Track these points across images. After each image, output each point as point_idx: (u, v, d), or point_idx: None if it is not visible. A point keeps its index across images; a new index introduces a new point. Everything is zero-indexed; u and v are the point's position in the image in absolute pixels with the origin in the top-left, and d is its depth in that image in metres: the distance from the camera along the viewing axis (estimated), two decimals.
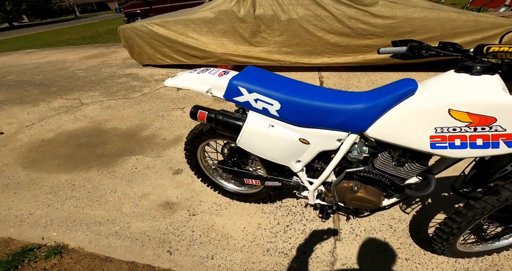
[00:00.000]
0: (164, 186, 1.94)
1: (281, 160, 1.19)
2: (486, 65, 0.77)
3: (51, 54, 6.72)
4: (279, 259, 1.39)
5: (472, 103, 0.77)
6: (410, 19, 3.03)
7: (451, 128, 0.81)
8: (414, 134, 0.87)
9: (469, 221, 1.02)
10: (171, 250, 1.47)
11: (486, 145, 0.79)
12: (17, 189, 2.02)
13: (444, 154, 0.86)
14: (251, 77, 1.11)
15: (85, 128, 2.84)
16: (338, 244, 1.44)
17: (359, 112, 0.95)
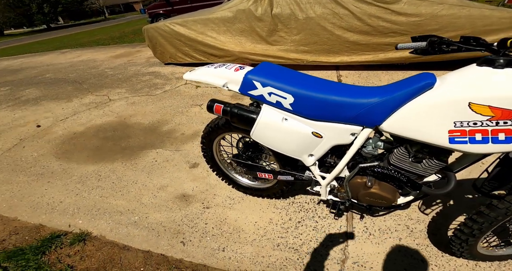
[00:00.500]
0: (181, 179, 1.98)
1: (294, 154, 1.17)
2: (510, 58, 0.73)
3: (83, 54, 7.06)
4: (289, 255, 1.38)
5: (494, 97, 0.73)
6: (437, 17, 2.84)
7: (472, 122, 0.77)
8: (432, 129, 0.83)
9: (491, 222, 0.95)
10: (184, 241, 1.50)
11: (509, 140, 0.76)
12: (50, 178, 2.15)
13: (464, 149, 0.82)
14: (266, 72, 1.10)
15: (112, 122, 2.96)
16: (350, 243, 1.40)
17: (374, 105, 0.92)
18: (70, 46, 9.09)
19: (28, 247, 1.53)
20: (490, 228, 0.98)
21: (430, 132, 0.85)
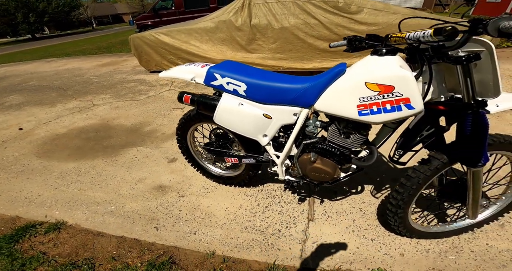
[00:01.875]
0: (159, 172, 2.09)
1: (250, 134, 1.34)
2: (388, 49, 0.94)
3: (69, 63, 7.10)
4: (255, 236, 1.49)
5: (379, 76, 0.94)
6: (391, 25, 3.18)
7: (369, 97, 0.98)
8: (346, 105, 1.03)
9: (409, 192, 1.12)
10: (158, 227, 1.60)
11: (393, 109, 0.95)
12: (30, 175, 2.20)
13: (368, 120, 1.01)
14: (225, 66, 1.30)
15: (95, 124, 3.04)
16: (311, 224, 1.53)
17: (306, 89, 1.13)
18: (56, 55, 9.09)
19: (2, 236, 1.58)
20: (410, 197, 1.14)
21: (345, 108, 1.04)
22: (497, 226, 1.39)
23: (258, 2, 3.50)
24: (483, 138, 0.93)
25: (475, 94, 0.90)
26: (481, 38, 0.82)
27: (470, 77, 0.86)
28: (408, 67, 0.94)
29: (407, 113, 0.95)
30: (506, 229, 1.37)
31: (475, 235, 1.36)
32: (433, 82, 0.96)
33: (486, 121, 0.92)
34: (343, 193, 1.72)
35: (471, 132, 0.93)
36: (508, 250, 1.27)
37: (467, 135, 0.95)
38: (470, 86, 0.88)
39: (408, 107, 0.94)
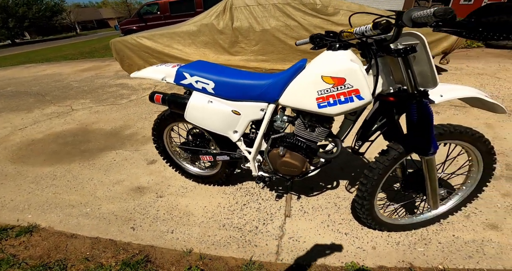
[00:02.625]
0: (138, 174, 2.10)
1: (221, 130, 1.38)
2: (340, 44, 1.02)
3: (49, 68, 7.01)
4: (233, 233, 1.53)
5: (332, 69, 1.01)
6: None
7: (325, 90, 1.04)
8: (306, 98, 1.09)
9: (372, 182, 1.19)
10: (134, 227, 1.61)
11: (346, 100, 1.03)
12: (3, 180, 2.16)
13: (327, 111, 1.07)
14: (195, 66, 1.36)
15: (73, 129, 3.02)
16: (287, 220, 1.58)
17: (270, 85, 1.19)
18: (36, 61, 8.96)
19: None
20: (374, 188, 1.21)
21: (306, 101, 1.10)
22: (462, 217, 1.47)
23: (240, 6, 3.60)
24: (429, 126, 1.00)
25: (417, 85, 0.97)
26: (414, 31, 0.91)
27: (410, 68, 0.94)
28: (359, 61, 1.02)
29: (358, 104, 1.02)
30: (472, 219, 1.45)
31: (442, 227, 1.43)
32: (381, 75, 1.03)
33: (429, 110, 0.98)
34: (320, 189, 1.79)
35: (417, 121, 1.00)
36: (473, 240, 1.34)
37: (414, 124, 1.01)
38: (411, 77, 0.95)
39: (358, 98, 1.01)
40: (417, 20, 0.74)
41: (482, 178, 1.28)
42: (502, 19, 0.72)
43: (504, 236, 1.35)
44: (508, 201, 1.55)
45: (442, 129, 1.11)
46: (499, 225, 1.41)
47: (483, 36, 0.76)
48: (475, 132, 1.14)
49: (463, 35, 0.79)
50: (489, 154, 1.20)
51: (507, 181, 1.70)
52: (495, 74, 3.72)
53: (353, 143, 1.28)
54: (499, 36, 0.75)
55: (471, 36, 0.78)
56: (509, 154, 1.95)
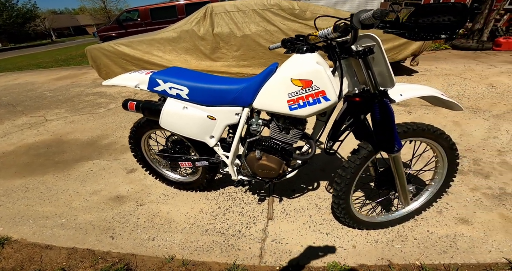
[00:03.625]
0: (117, 183, 2.09)
1: (197, 136, 1.41)
2: (307, 47, 1.09)
3: (21, 77, 6.81)
4: (215, 238, 1.55)
5: (300, 72, 1.07)
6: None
7: (294, 92, 1.10)
8: (278, 101, 1.15)
9: (346, 182, 1.26)
10: (113, 235, 1.60)
11: (314, 102, 1.09)
12: None
13: (297, 113, 1.13)
14: (168, 72, 1.39)
15: (46, 140, 2.96)
16: (270, 223, 1.62)
17: (243, 89, 1.25)
18: (7, 69, 8.67)
19: None
20: (348, 187, 1.28)
21: (278, 104, 1.15)
22: (435, 212, 1.58)
23: (220, 12, 3.72)
24: (390, 124, 1.06)
25: (377, 85, 1.04)
26: (371, 33, 0.97)
27: (370, 69, 1.01)
28: (325, 63, 1.09)
29: (325, 105, 1.08)
30: (444, 214, 1.56)
31: (417, 223, 1.52)
32: (346, 76, 1.10)
33: (390, 109, 1.05)
34: (301, 191, 1.85)
35: (380, 120, 1.06)
36: (447, 235, 1.43)
37: (377, 122, 1.08)
38: (372, 78, 1.02)
39: (325, 99, 1.07)
40: (364, 21, 0.81)
41: (448, 173, 1.39)
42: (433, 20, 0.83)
43: (474, 230, 1.45)
44: (476, 195, 1.67)
45: (406, 127, 1.21)
46: (469, 219, 1.52)
47: (419, 36, 0.87)
48: (436, 129, 1.25)
49: (406, 36, 0.90)
50: (451, 150, 1.31)
51: (475, 175, 1.84)
52: (461, 74, 4.03)
53: (325, 144, 1.35)
54: (432, 35, 0.85)
55: (411, 37, 0.89)
56: (476, 150, 2.11)
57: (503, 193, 1.67)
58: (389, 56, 3.75)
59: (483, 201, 1.62)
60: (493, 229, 1.44)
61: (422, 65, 4.60)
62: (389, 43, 3.70)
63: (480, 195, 1.67)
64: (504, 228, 1.44)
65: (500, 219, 1.50)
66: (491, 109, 2.81)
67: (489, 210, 1.56)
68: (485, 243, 1.37)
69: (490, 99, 3.07)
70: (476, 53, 5.25)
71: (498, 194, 1.67)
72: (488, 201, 1.62)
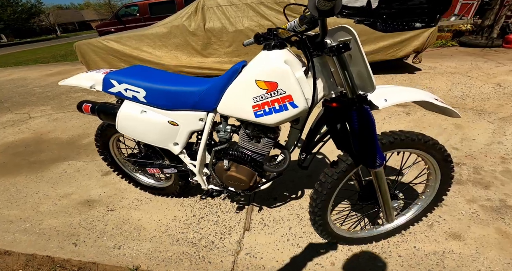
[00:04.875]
0: (90, 186, 2.01)
1: (159, 143, 1.30)
2: (275, 43, 0.93)
3: (15, 73, 6.81)
4: (186, 249, 1.46)
5: (264, 72, 0.93)
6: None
7: (259, 96, 0.96)
8: (243, 106, 1.01)
9: (322, 198, 1.14)
10: (77, 243, 1.52)
11: (281, 108, 0.94)
12: None
13: (264, 121, 0.99)
14: (125, 72, 1.27)
15: (26, 139, 2.90)
16: (246, 234, 1.51)
17: (205, 92, 1.11)
18: (5, 64, 8.71)
19: None
20: (324, 203, 1.15)
21: (243, 110, 1.01)
22: (425, 226, 1.46)
23: (212, 6, 3.61)
24: (370, 135, 0.91)
25: (355, 89, 0.89)
26: (346, 25, 0.82)
27: (347, 69, 0.86)
28: (297, 62, 0.94)
29: (293, 112, 0.94)
30: (435, 229, 1.43)
31: (404, 238, 1.40)
32: (321, 77, 0.96)
33: (370, 117, 0.90)
34: (283, 199, 1.74)
35: (358, 130, 0.91)
36: (434, 252, 1.31)
37: (355, 133, 0.93)
38: (349, 79, 0.87)
39: (292, 105, 0.92)
40: (319, 6, 0.68)
41: (441, 186, 1.27)
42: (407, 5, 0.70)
43: (466, 246, 1.33)
44: (473, 208, 1.55)
45: (393, 137, 1.07)
46: (462, 234, 1.40)
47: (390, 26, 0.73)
48: (428, 139, 1.12)
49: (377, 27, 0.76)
50: (446, 162, 1.19)
51: (474, 185, 1.71)
52: (467, 72, 3.85)
53: (298, 156, 1.21)
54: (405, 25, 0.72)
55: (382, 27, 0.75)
56: (477, 157, 1.98)
57: (503, 206, 1.55)
58: (388, 53, 3.61)
59: (480, 215, 1.50)
60: (486, 246, 1.32)
61: (426, 63, 4.44)
62: (389, 39, 3.56)
63: (477, 208, 1.55)
64: (499, 245, 1.32)
65: (496, 234, 1.38)
66: (497, 111, 2.66)
67: (485, 225, 1.44)
68: (475, 261, 1.26)
69: (496, 100, 2.91)
70: (484, 50, 5.05)
71: (497, 207, 1.54)
72: (485, 215, 1.50)
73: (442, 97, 3.06)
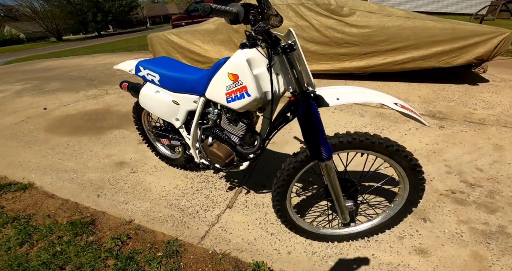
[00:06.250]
0: (126, 150, 2.31)
1: (165, 117, 1.49)
2: (245, 42, 1.02)
3: (108, 58, 7.94)
4: (174, 212, 1.59)
5: (232, 66, 1.04)
6: (384, 28, 3.01)
7: (229, 85, 1.07)
8: (220, 93, 1.12)
9: (280, 184, 1.12)
10: (100, 194, 1.79)
11: (241, 96, 1.04)
12: (32, 145, 2.59)
13: (231, 106, 1.10)
14: (151, 61, 1.50)
15: (99, 109, 3.42)
16: (227, 211, 1.57)
17: (198, 79, 1.25)
18: (102, 51, 10.20)
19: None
20: (283, 188, 1.13)
21: (219, 96, 1.13)
22: (396, 237, 1.30)
23: None
24: (314, 128, 0.93)
25: (301, 85, 0.93)
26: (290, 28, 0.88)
27: (294, 67, 0.90)
28: (261, 59, 1.01)
29: (248, 100, 1.02)
30: (404, 242, 1.27)
31: (367, 244, 1.28)
32: (282, 74, 1.02)
33: (315, 111, 0.92)
34: (271, 188, 1.72)
35: (304, 123, 0.94)
36: (389, 263, 1.18)
37: (302, 126, 0.96)
38: (295, 76, 0.91)
39: (247, 94, 1.01)
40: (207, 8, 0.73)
41: (409, 197, 1.11)
42: None
43: (425, 263, 1.16)
44: (460, 229, 1.31)
45: (351, 137, 1.00)
46: (430, 251, 1.21)
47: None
48: (391, 144, 1.00)
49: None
50: (414, 172, 1.04)
51: (477, 208, 1.44)
52: None
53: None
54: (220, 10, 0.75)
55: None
56: (501, 181, 1.62)
57: (498, 232, 1.28)
58: (442, 60, 3.03)
59: (464, 236, 1.27)
60: (448, 266, 1.14)
61: (500, 73, 3.59)
62: (446, 44, 2.93)
63: (465, 229, 1.31)
64: (463, 267, 1.12)
65: (469, 257, 1.16)
66: None
67: (462, 246, 1.22)
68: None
69: None
70: None
71: (490, 232, 1.28)
72: (470, 237, 1.26)
73: (497, 113, 2.49)
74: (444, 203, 1.49)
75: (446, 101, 2.83)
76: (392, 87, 3.30)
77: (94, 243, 1.39)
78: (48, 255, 1.32)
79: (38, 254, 1.34)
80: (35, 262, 1.29)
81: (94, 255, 1.32)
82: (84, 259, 1.30)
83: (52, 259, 1.31)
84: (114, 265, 1.25)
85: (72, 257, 1.32)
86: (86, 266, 1.26)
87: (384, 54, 3.18)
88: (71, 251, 1.35)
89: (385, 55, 3.18)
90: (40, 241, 1.43)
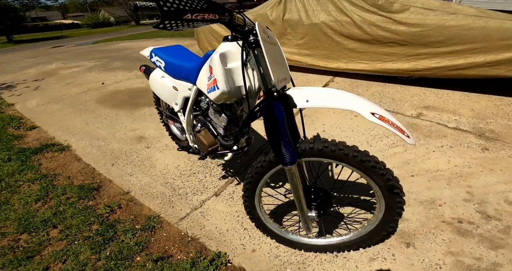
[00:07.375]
0: (149, 127, 2.44)
1: (167, 100, 1.52)
2: (227, 36, 0.99)
3: (166, 43, 8.41)
4: (166, 191, 1.63)
5: (210, 59, 1.02)
6: (443, 27, 2.42)
7: (209, 77, 1.05)
8: (204, 83, 1.11)
9: (249, 180, 1.04)
10: (114, 164, 1.93)
11: (214, 88, 1.02)
12: (83, 113, 2.92)
13: (210, 97, 1.08)
14: (162, 49, 1.55)
15: (141, 88, 3.67)
16: (212, 198, 1.54)
17: (191, 69, 1.22)
18: (167, 36, 10.87)
19: (33, 147, 2.20)
20: (251, 185, 1.05)
21: (203, 86, 1.11)
22: (367, 258, 1.11)
23: None
24: (276, 130, 0.84)
25: (267, 83, 0.84)
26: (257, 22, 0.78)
27: (259, 64, 0.83)
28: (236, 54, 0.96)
29: (218, 92, 1.00)
30: (372, 263, 1.08)
31: (333, 259, 1.12)
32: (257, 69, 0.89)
33: (278, 112, 0.82)
34: None
35: (266, 123, 0.85)
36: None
37: (265, 125, 0.86)
38: (261, 72, 0.84)
39: (217, 87, 0.99)
40: None
41: (383, 219, 0.91)
42: None
43: None
44: (444, 260, 1.05)
45: (323, 145, 0.85)
46: None
47: None
48: (367, 159, 0.81)
49: None
50: (390, 193, 0.84)
51: (478, 242, 1.14)
52: None
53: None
54: None
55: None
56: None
57: (488, 268, 0.98)
58: (481, 69, 2.41)
59: (443, 268, 1.01)
60: None
61: None
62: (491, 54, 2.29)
63: (449, 261, 1.04)
64: None
65: None
66: None
67: None
68: None
69: None
70: None
71: (479, 268, 1.00)
72: (450, 269, 1.00)
73: None
74: (441, 231, 1.21)
75: (506, 120, 2.17)
76: (441, 95, 2.70)
77: (90, 208, 1.51)
78: (51, 213, 1.47)
79: (44, 212, 1.50)
80: (37, 218, 1.45)
81: (85, 218, 1.43)
82: (75, 221, 1.41)
83: (52, 218, 1.45)
84: (95, 230, 1.34)
85: (67, 217, 1.45)
86: (74, 228, 1.37)
87: (438, 57, 2.58)
88: (69, 212, 1.48)
89: (439, 58, 2.57)
90: (53, 199, 1.60)
